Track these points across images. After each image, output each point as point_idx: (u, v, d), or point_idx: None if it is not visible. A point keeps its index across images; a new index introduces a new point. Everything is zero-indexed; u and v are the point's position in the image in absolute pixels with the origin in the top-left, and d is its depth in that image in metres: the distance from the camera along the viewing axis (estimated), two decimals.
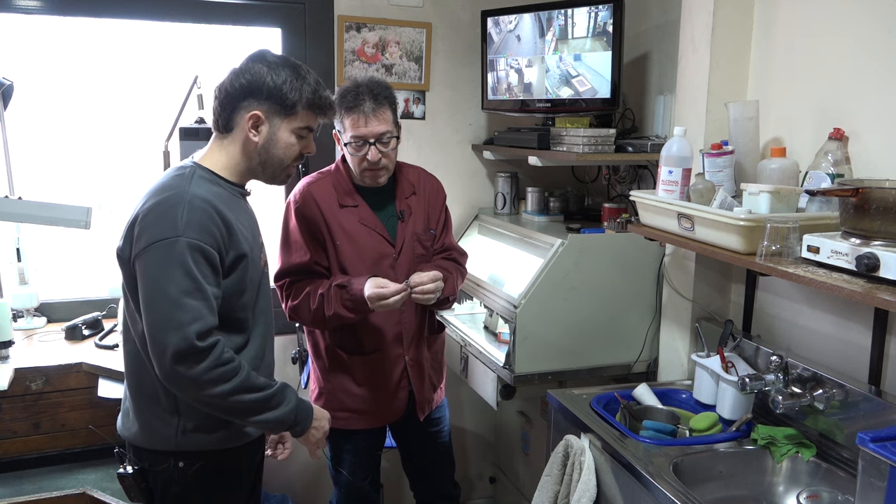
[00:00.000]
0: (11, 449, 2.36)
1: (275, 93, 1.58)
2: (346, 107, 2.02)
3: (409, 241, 2.14)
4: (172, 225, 1.47)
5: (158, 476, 1.63)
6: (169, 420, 1.60)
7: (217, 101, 1.62)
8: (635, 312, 2.38)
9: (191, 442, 1.61)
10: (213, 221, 1.52)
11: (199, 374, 1.47)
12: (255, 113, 1.58)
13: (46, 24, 2.64)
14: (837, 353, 1.79)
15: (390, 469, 2.76)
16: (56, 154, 2.78)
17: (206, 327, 1.48)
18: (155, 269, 1.47)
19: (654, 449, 1.73)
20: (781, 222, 1.56)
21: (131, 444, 1.66)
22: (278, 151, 1.63)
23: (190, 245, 1.47)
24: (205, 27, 2.74)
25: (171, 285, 1.45)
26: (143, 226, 1.50)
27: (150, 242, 1.47)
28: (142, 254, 1.48)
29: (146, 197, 1.56)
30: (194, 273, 1.47)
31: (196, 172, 1.58)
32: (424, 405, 2.26)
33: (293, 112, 1.61)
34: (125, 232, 1.55)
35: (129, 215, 1.57)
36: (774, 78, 1.96)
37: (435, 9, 2.90)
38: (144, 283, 1.48)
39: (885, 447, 1.29)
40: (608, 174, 2.83)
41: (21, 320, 2.66)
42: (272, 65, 1.59)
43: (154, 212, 1.50)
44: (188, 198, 1.51)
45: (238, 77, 1.59)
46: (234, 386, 1.51)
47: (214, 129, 1.65)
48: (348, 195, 2.11)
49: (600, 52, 2.44)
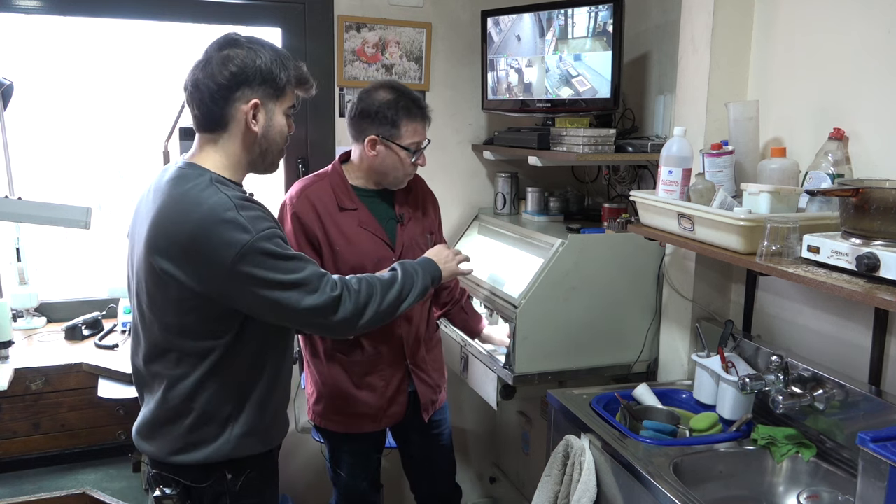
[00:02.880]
0: (11, 449, 2.36)
1: (267, 76, 1.52)
2: (408, 114, 2.02)
3: (408, 244, 2.14)
4: (242, 229, 1.45)
5: (205, 491, 1.59)
6: (222, 429, 1.57)
7: (201, 99, 1.52)
8: (635, 312, 2.38)
9: (242, 448, 1.59)
10: (264, 212, 1.53)
11: (356, 304, 1.61)
12: (254, 101, 1.52)
13: (46, 24, 2.64)
14: (837, 353, 1.79)
15: (391, 469, 2.76)
16: (56, 154, 2.78)
17: (323, 276, 1.56)
18: (257, 275, 1.46)
19: (654, 449, 1.73)
20: (781, 222, 1.56)
21: (170, 464, 1.59)
22: (276, 136, 1.59)
23: (265, 236, 1.47)
24: (205, 27, 2.74)
25: (279, 273, 1.48)
26: (209, 247, 1.44)
27: (233, 257, 1.43)
28: (231, 273, 1.44)
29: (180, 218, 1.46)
30: (284, 253, 1.50)
31: (213, 178, 1.51)
32: (429, 406, 2.25)
33: (284, 93, 1.57)
34: (180, 260, 1.45)
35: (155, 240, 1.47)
36: (774, 78, 1.96)
37: (435, 9, 2.90)
38: (255, 293, 1.48)
39: (885, 447, 1.29)
40: (608, 174, 2.83)
41: (21, 320, 2.66)
42: (252, 47, 1.53)
43: (210, 228, 1.44)
44: (233, 201, 1.47)
45: (222, 67, 1.50)
46: (381, 292, 1.68)
47: (203, 130, 1.57)
48: (348, 198, 2.10)
49: (600, 52, 2.44)
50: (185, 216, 1.46)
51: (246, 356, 1.57)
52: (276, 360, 1.65)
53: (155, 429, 1.60)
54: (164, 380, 1.56)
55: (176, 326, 1.52)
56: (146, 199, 1.59)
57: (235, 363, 1.56)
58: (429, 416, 2.26)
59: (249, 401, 1.59)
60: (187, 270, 1.46)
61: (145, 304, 1.55)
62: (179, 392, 1.55)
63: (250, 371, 1.59)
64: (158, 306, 1.52)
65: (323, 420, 2.19)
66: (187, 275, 1.46)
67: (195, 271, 1.46)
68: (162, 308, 1.52)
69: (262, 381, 1.61)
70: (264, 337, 1.59)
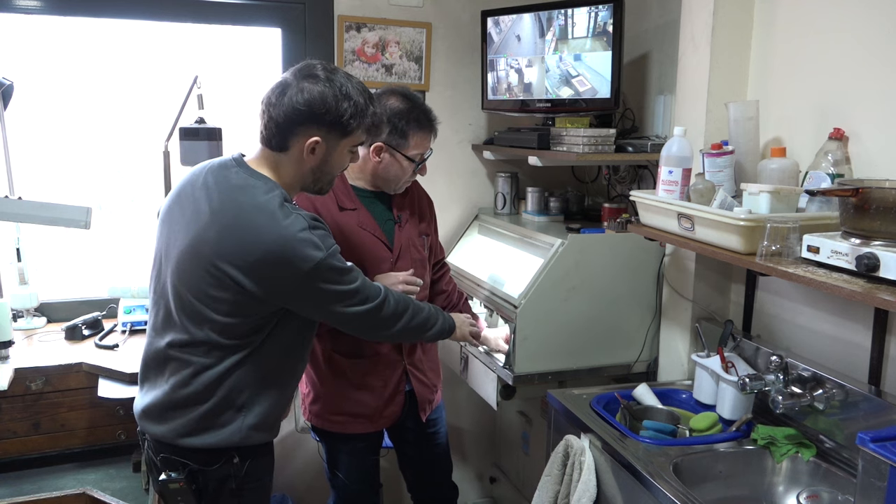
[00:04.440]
0: (11, 449, 2.36)
1: (336, 119, 1.59)
2: (419, 124, 2.03)
3: (406, 245, 2.14)
4: (315, 246, 1.55)
5: (212, 474, 1.65)
6: (236, 417, 1.64)
7: (269, 120, 1.59)
8: (635, 312, 2.38)
9: (251, 438, 1.67)
10: (324, 225, 1.63)
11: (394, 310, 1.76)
12: (315, 139, 1.59)
13: (46, 24, 2.64)
14: (837, 353, 1.79)
15: (390, 469, 2.76)
16: (56, 154, 2.77)
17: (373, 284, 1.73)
18: (325, 289, 1.60)
19: (654, 449, 1.73)
20: (781, 222, 1.56)
21: (179, 446, 1.64)
22: (332, 169, 1.68)
23: (331, 253, 1.59)
24: (205, 27, 2.74)
25: (343, 286, 1.62)
26: (284, 261, 1.53)
27: (308, 270, 1.55)
28: (304, 284, 1.57)
29: (254, 232, 1.53)
30: (343, 267, 1.63)
31: (283, 194, 1.59)
32: (426, 405, 2.26)
33: (350, 133, 1.64)
34: (249, 266, 1.53)
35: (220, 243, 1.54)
36: (774, 78, 1.96)
37: (435, 9, 2.90)
38: (320, 301, 1.63)
39: (885, 447, 1.29)
40: (608, 174, 2.83)
41: (21, 320, 2.66)
42: (331, 85, 1.58)
43: (287, 245, 1.53)
44: (308, 221, 1.57)
45: (295, 97, 1.56)
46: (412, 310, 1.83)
47: (265, 146, 1.63)
48: (348, 198, 2.10)
49: (600, 52, 2.44)
50: (262, 232, 1.54)
51: (272, 354, 1.65)
52: (296, 359, 1.75)
53: (167, 411, 1.65)
54: (191, 366, 1.62)
55: (220, 324, 1.59)
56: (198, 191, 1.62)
57: (260, 360, 1.65)
58: (426, 415, 2.26)
59: (266, 394, 1.68)
60: (255, 279, 1.54)
61: (192, 296, 1.59)
62: (203, 380, 1.62)
63: (274, 367, 1.67)
64: (209, 303, 1.58)
65: (320, 420, 2.19)
66: (254, 283, 1.54)
67: (264, 281, 1.55)
68: (212, 306, 1.57)
69: (281, 377, 1.70)
70: (291, 336, 1.69)
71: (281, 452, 3.04)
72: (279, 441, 3.18)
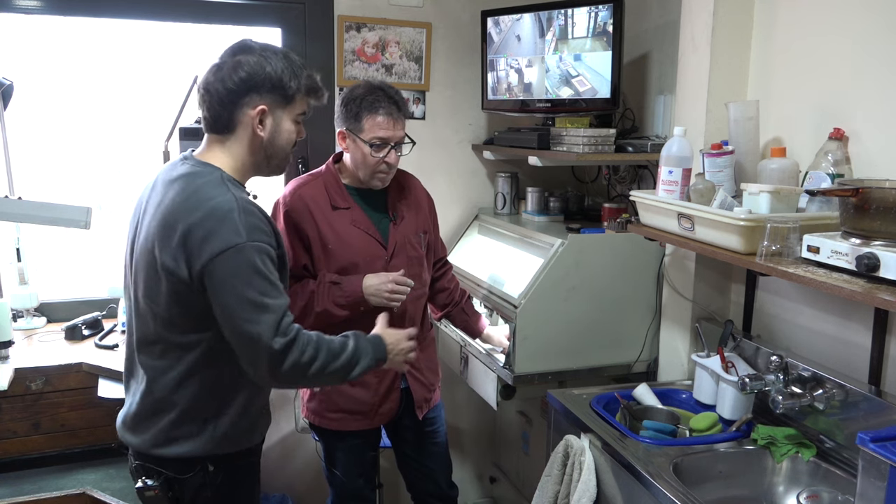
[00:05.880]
0: (11, 449, 2.36)
1: (277, 83, 1.56)
2: (369, 108, 2.03)
3: (401, 243, 2.14)
4: (235, 232, 1.47)
5: (187, 483, 1.61)
6: (204, 427, 1.59)
7: (211, 101, 1.56)
8: (635, 312, 2.38)
9: (224, 446, 1.61)
10: (264, 223, 1.54)
11: (296, 360, 1.51)
12: (261, 107, 1.56)
13: (46, 24, 2.64)
14: (837, 353, 1.79)
15: (389, 469, 2.76)
16: (56, 154, 2.77)
17: (287, 315, 1.52)
18: (230, 279, 1.47)
19: (654, 449, 1.73)
20: (781, 222, 1.56)
21: (153, 456, 1.61)
22: (282, 142, 1.62)
23: (256, 248, 1.49)
24: (205, 27, 2.74)
25: (250, 290, 1.47)
26: (201, 238, 1.47)
27: (218, 252, 1.46)
28: (210, 266, 1.47)
29: (186, 209, 1.49)
30: (266, 273, 1.50)
31: (224, 176, 1.55)
32: (422, 404, 2.26)
33: (293, 100, 1.60)
34: (174, 248, 1.48)
35: (160, 230, 1.51)
36: (774, 78, 1.96)
37: (435, 9, 2.90)
38: (221, 295, 1.48)
39: (885, 447, 1.29)
40: (608, 174, 2.83)
41: (21, 320, 2.66)
42: (264, 54, 1.56)
43: (210, 222, 1.47)
44: (240, 203, 1.50)
45: (232, 73, 1.55)
46: (324, 357, 1.57)
47: (211, 132, 1.60)
48: (341, 197, 2.11)
49: (600, 52, 2.44)
50: (192, 209, 1.49)
51: (227, 359, 1.57)
52: None
53: (139, 421, 1.63)
54: (149, 371, 1.60)
55: (164, 318, 1.55)
56: (153, 191, 1.61)
57: (218, 364, 1.58)
58: (423, 413, 2.27)
59: (231, 404, 1.61)
60: (179, 258, 1.49)
61: (141, 294, 1.58)
62: (162, 385, 1.58)
63: (232, 374, 1.59)
64: (152, 296, 1.55)
65: (317, 418, 2.20)
66: (178, 262, 1.49)
67: (185, 258, 1.48)
68: (155, 298, 1.54)
69: (244, 385, 1.63)
70: None
71: (281, 452, 3.05)
72: (279, 441, 3.19)
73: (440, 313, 2.42)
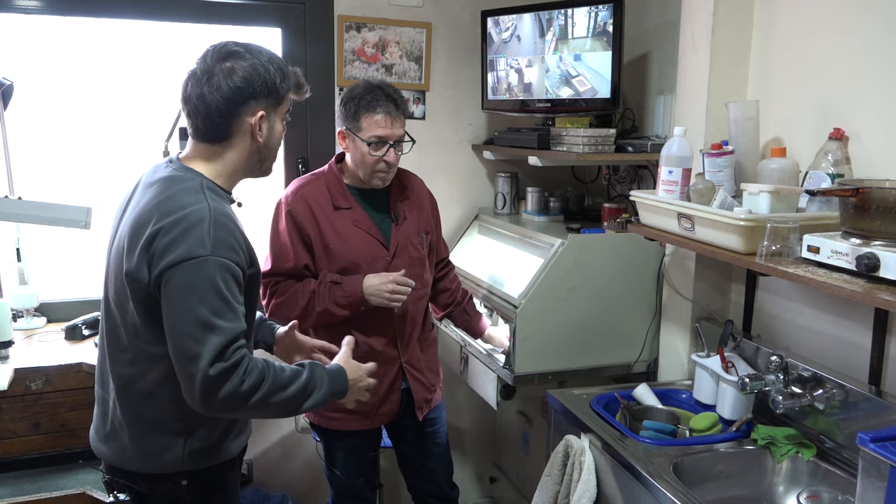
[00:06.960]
0: (11, 449, 2.35)
1: (272, 87, 1.52)
2: (367, 106, 2.03)
3: (403, 243, 2.14)
4: (200, 243, 1.40)
5: (160, 499, 1.56)
6: (175, 442, 1.53)
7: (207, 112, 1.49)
8: (635, 312, 2.38)
9: (197, 461, 1.56)
10: (235, 238, 1.46)
11: (234, 388, 1.40)
12: (261, 113, 1.52)
13: (46, 24, 2.64)
14: (837, 353, 1.79)
15: (390, 469, 2.76)
16: (56, 154, 2.77)
17: (237, 341, 1.42)
18: (184, 291, 1.39)
19: (654, 449, 1.73)
20: (781, 222, 1.56)
21: (124, 470, 1.56)
22: (274, 143, 1.59)
23: (220, 264, 1.41)
24: (205, 27, 2.74)
25: (202, 306, 1.38)
26: (166, 244, 1.40)
27: (178, 261, 1.39)
28: (167, 273, 1.39)
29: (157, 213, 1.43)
30: (224, 293, 1.41)
31: (204, 184, 1.49)
32: (423, 404, 2.26)
33: (283, 100, 1.57)
34: (139, 251, 1.43)
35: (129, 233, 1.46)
36: (774, 78, 1.96)
37: (435, 9, 2.90)
38: (172, 305, 1.40)
39: (885, 447, 1.29)
40: (608, 174, 2.83)
41: (21, 320, 2.65)
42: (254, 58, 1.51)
43: (177, 228, 1.40)
44: (212, 214, 1.43)
45: (227, 80, 1.48)
46: (268, 388, 1.45)
47: (204, 140, 1.53)
48: (342, 197, 2.11)
49: (600, 52, 2.44)
50: (163, 214, 1.43)
51: None
52: None
53: (110, 433, 1.58)
54: (118, 379, 1.54)
55: (133, 325, 1.50)
56: (134, 194, 1.57)
57: None
58: (423, 414, 2.26)
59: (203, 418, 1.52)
60: (142, 262, 1.43)
61: (112, 299, 1.54)
62: (131, 394, 1.53)
63: None
64: (121, 302, 1.51)
65: (317, 417, 2.21)
66: (140, 267, 1.43)
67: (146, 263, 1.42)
68: (124, 305, 1.50)
69: None
70: None
71: (281, 452, 3.05)
72: (279, 441, 3.19)
73: (442, 313, 2.42)
